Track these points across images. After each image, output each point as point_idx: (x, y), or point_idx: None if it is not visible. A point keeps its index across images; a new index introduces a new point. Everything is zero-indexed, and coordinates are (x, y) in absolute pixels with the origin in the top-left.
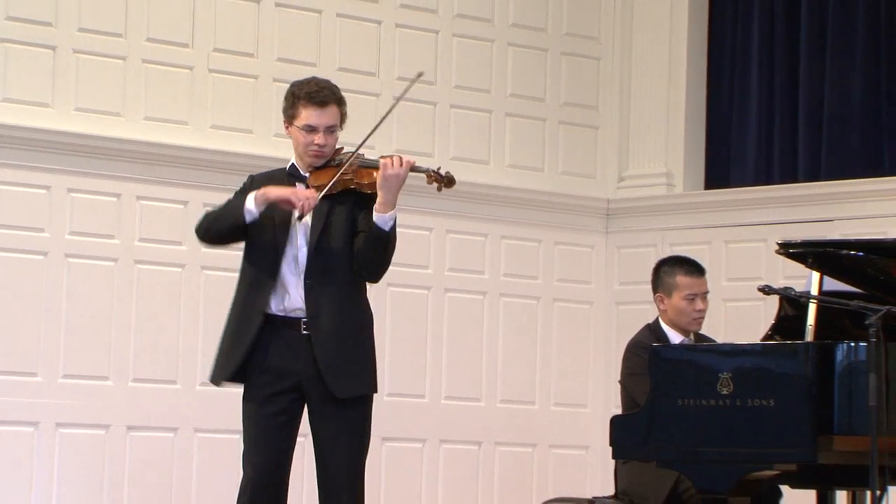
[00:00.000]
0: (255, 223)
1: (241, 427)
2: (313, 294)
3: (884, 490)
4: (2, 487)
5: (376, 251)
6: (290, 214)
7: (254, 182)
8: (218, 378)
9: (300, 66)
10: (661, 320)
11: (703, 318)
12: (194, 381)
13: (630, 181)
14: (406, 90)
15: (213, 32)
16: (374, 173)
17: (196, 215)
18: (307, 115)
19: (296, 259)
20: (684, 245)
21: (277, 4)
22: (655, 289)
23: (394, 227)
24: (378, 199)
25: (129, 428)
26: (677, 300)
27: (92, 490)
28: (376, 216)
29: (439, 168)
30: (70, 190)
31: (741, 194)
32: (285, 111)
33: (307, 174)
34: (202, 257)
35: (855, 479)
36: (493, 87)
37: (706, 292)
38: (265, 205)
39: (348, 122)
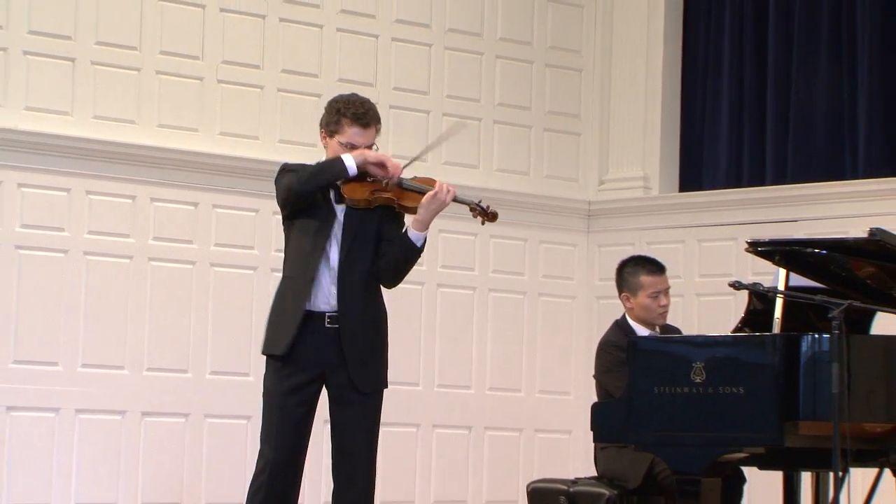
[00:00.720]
0: (308, 205)
1: (246, 413)
2: (344, 292)
3: (845, 471)
4: (25, 469)
5: (405, 263)
6: (328, 218)
7: (291, 168)
8: (273, 350)
9: (303, 77)
10: (627, 317)
11: (667, 312)
12: (204, 370)
13: (609, 184)
14: (449, 134)
15: (221, 46)
16: (414, 196)
17: (206, 217)
18: (351, 134)
19: (328, 259)
20: (660, 244)
21: (282, 20)
22: (621, 289)
23: (423, 245)
24: (416, 218)
25: (144, 414)
26: (643, 298)
27: (109, 471)
28: (412, 233)
29: (480, 201)
30: (88, 192)
31: (713, 196)
32: (327, 124)
33: (339, 183)
34: (212, 255)
35: (819, 461)
36: (483, 96)
37: (668, 288)
38: (359, 164)
39: None
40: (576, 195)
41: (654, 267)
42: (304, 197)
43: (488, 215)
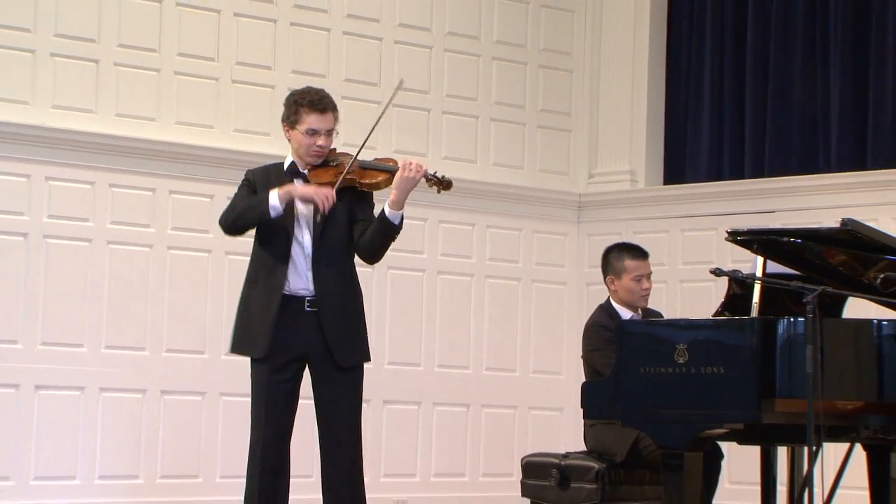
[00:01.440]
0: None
1: None
2: (319, 276)
3: (819, 446)
4: (52, 444)
5: (382, 241)
6: (292, 210)
7: (254, 176)
8: (247, 354)
9: (312, 77)
10: (612, 300)
11: (648, 295)
12: (220, 351)
13: (598, 178)
14: (391, 98)
15: (235, 48)
16: (376, 174)
17: (221, 207)
18: (310, 121)
19: (302, 244)
20: (646, 233)
21: (292, 24)
22: (606, 272)
23: (401, 223)
24: (391, 198)
25: (163, 392)
26: (626, 281)
27: (131, 446)
28: (388, 212)
29: (436, 172)
30: (111, 185)
31: (695, 189)
32: (287, 117)
33: (305, 171)
34: (226, 244)
35: (794, 436)
36: (480, 95)
37: (650, 273)
38: (288, 202)
39: (352, 124)
40: (567, 188)
41: (637, 252)
42: (234, 234)
43: (442, 183)
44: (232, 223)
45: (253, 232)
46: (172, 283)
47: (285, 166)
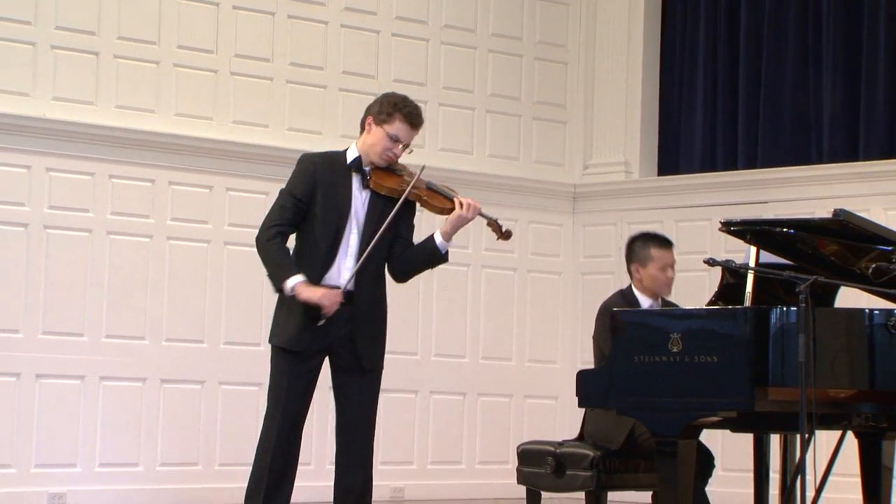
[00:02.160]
0: (313, 200)
1: (257, 380)
2: (361, 275)
3: (811, 434)
4: (52, 432)
5: (424, 267)
6: (347, 207)
7: (316, 168)
8: (296, 347)
9: (310, 70)
10: (633, 287)
11: (671, 284)
12: (219, 341)
13: (593, 169)
14: (417, 176)
15: (234, 41)
16: (442, 199)
17: (220, 199)
18: (400, 129)
19: (348, 241)
20: (640, 224)
21: (290, 16)
22: (631, 260)
23: (447, 253)
24: (445, 230)
25: (163, 381)
26: (652, 270)
27: (130, 434)
28: (440, 243)
29: (497, 219)
30: (111, 176)
31: (689, 180)
32: (378, 113)
33: (367, 168)
34: (225, 234)
35: (787, 424)
36: (476, 87)
37: (674, 263)
38: (291, 293)
39: (352, 114)
40: (562, 179)
41: (663, 241)
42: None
43: (503, 234)
44: (259, 255)
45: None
46: (172, 273)
47: (348, 159)
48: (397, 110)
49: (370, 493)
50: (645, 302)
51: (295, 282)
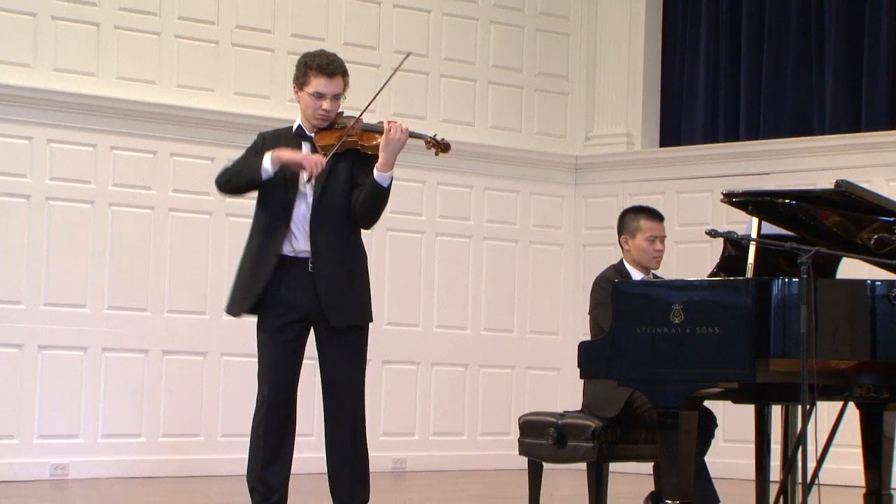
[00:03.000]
0: (269, 179)
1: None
2: (317, 238)
3: (813, 405)
4: (56, 403)
5: (374, 204)
6: (294, 174)
7: (264, 140)
8: (237, 311)
9: (311, 41)
10: (624, 260)
11: (661, 257)
12: (221, 312)
13: (595, 140)
14: (396, 68)
15: (235, 11)
16: (377, 136)
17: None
18: (317, 84)
19: (304, 207)
20: (642, 195)
21: None
22: (621, 232)
23: (390, 185)
24: (380, 160)
25: (165, 352)
26: (640, 241)
27: (133, 405)
28: (377, 174)
29: (435, 135)
30: (113, 147)
31: (691, 151)
32: (296, 79)
33: (312, 134)
34: (227, 206)
35: (788, 395)
36: (478, 59)
37: (664, 236)
38: (279, 165)
39: (352, 88)
40: (564, 150)
41: (652, 214)
42: (230, 195)
43: (441, 146)
44: (224, 182)
45: (255, 195)
46: (174, 245)
47: (293, 129)
48: (309, 68)
49: (361, 453)
50: (636, 275)
51: (268, 156)
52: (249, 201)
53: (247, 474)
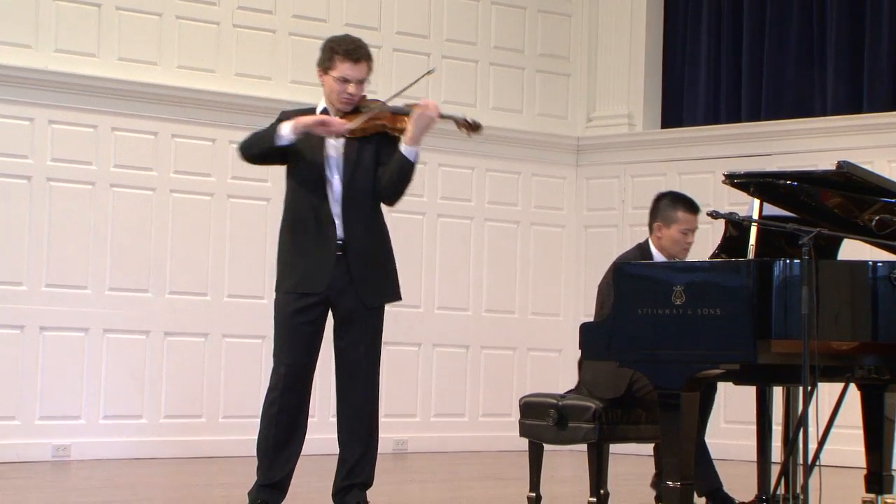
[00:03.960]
0: (292, 150)
1: (261, 333)
2: (347, 220)
3: (814, 386)
4: (57, 384)
5: (400, 179)
6: (322, 152)
7: (285, 116)
8: (281, 288)
9: (312, 22)
10: (651, 243)
11: (689, 249)
12: (222, 293)
13: (597, 121)
14: (418, 79)
15: None
16: (404, 119)
17: (223, 152)
18: (343, 68)
19: (332, 190)
20: (643, 177)
21: None
22: (654, 217)
23: (417, 159)
24: (408, 134)
25: (167, 333)
26: (674, 231)
27: (134, 387)
28: (405, 148)
29: (465, 116)
30: (114, 129)
31: (692, 132)
32: (322, 62)
33: (336, 117)
34: (229, 187)
35: (789, 376)
36: (479, 40)
37: (696, 228)
38: (298, 131)
39: None
40: (565, 131)
41: (691, 206)
42: (252, 162)
43: (472, 126)
44: (246, 148)
45: (283, 178)
46: (175, 226)
47: (317, 111)
48: (335, 53)
49: (373, 433)
50: (661, 259)
51: (286, 124)
52: (254, 183)
53: (256, 453)
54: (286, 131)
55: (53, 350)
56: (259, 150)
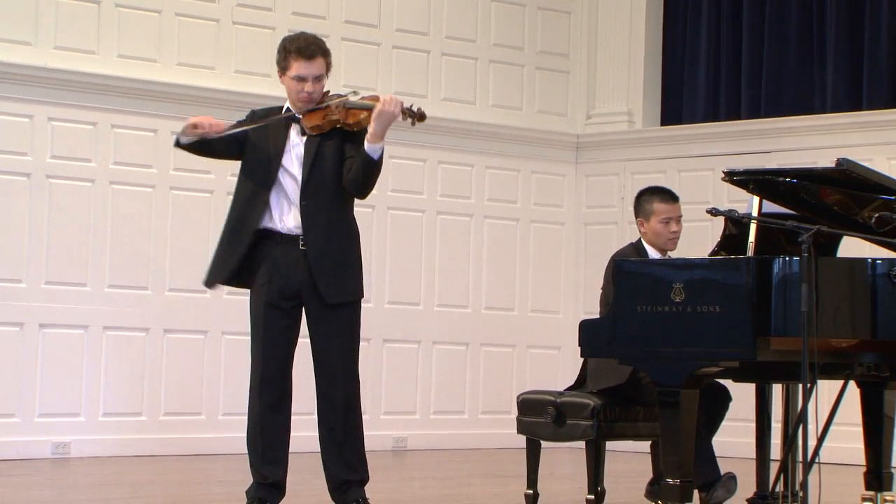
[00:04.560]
0: (249, 145)
1: None
2: (307, 215)
3: (814, 383)
4: (57, 381)
5: (365, 176)
6: (282, 145)
7: (254, 115)
8: (211, 281)
9: (312, 19)
10: (643, 240)
11: (677, 238)
12: (222, 291)
13: (596, 118)
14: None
15: None
16: (361, 113)
17: None
18: (297, 67)
19: (293, 184)
20: (643, 174)
21: None
22: (637, 214)
23: (381, 157)
24: (370, 131)
25: (166, 331)
26: (654, 223)
27: (134, 383)
28: (367, 146)
29: (412, 105)
30: (113, 126)
31: (692, 130)
32: (278, 63)
33: (300, 116)
34: (228, 184)
35: (789, 374)
36: (479, 37)
37: (680, 216)
38: (187, 133)
39: (354, 64)
40: (565, 129)
41: (667, 195)
42: (199, 156)
43: (416, 115)
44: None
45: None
46: (174, 223)
47: (283, 109)
48: (288, 52)
49: (353, 430)
50: (654, 255)
51: (180, 131)
52: None
53: (248, 454)
54: (181, 135)
55: (53, 347)
56: (182, 146)
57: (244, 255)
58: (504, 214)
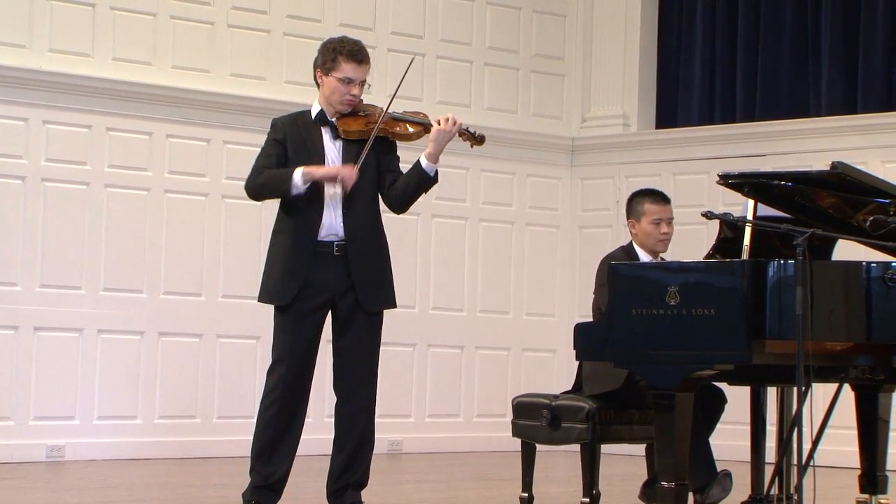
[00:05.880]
0: (292, 153)
1: (255, 334)
2: (349, 222)
3: (808, 386)
4: (52, 384)
5: (416, 192)
6: (319, 159)
7: (283, 127)
8: (287, 296)
9: (307, 23)
10: (633, 243)
11: (668, 240)
12: (217, 294)
13: (591, 122)
14: (405, 73)
15: None
16: (411, 127)
17: (217, 152)
18: (347, 69)
19: (333, 192)
20: (638, 177)
21: None
22: (628, 216)
23: (436, 175)
24: (428, 150)
25: (161, 334)
26: (645, 224)
27: (129, 387)
28: (426, 165)
29: (469, 127)
30: (108, 129)
31: (687, 133)
32: (322, 63)
33: (334, 119)
34: (223, 188)
35: (784, 377)
36: (474, 40)
37: (671, 218)
38: (309, 180)
39: None
40: (560, 132)
41: (657, 196)
42: (258, 201)
43: (476, 139)
44: (256, 193)
45: None
46: (169, 227)
47: (313, 114)
48: (338, 53)
49: (370, 436)
50: (645, 258)
51: (299, 171)
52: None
53: (251, 453)
54: (299, 181)
55: (48, 350)
56: (273, 195)
57: (306, 273)
58: (499, 217)
